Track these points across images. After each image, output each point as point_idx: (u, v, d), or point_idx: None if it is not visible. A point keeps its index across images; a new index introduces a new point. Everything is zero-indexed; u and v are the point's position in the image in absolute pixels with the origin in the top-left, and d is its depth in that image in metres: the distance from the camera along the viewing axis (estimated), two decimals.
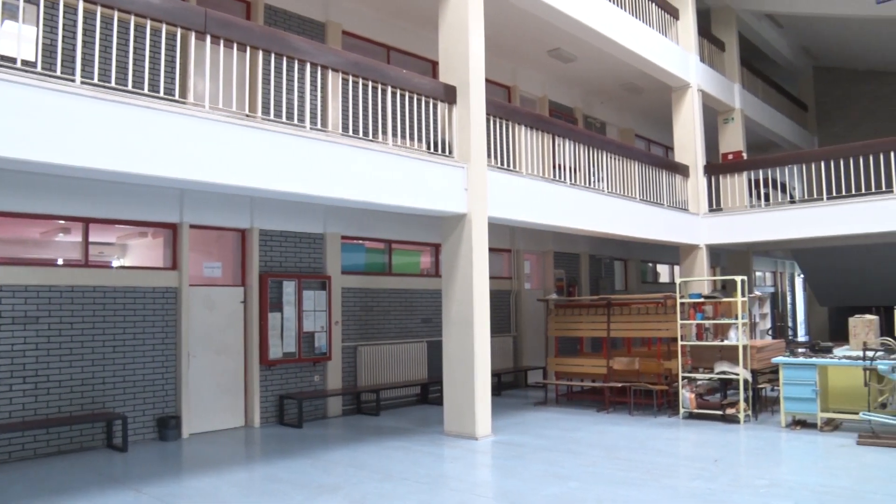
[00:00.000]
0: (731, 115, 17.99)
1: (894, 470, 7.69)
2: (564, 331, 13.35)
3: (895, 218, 13.82)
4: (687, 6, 16.23)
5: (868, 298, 18.63)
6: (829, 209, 14.55)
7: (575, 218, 11.92)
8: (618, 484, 7.21)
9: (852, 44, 21.95)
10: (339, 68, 8.55)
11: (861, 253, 17.73)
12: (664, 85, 15.97)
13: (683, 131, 16.11)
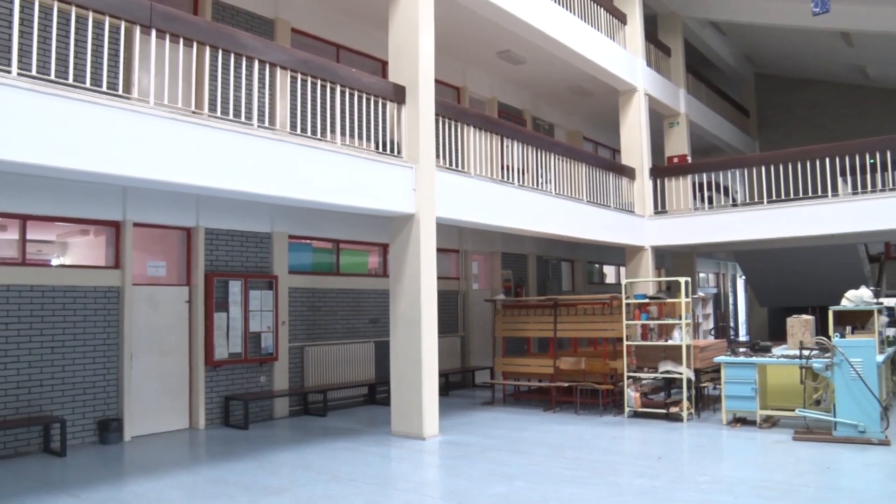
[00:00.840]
0: (677, 120, 18.34)
1: (827, 464, 7.95)
2: (512, 331, 13.44)
3: (830, 221, 14.29)
4: (634, 12, 16.50)
5: (805, 299, 19.15)
6: (768, 212, 14.95)
7: (523, 219, 12.01)
8: (564, 482, 7.28)
9: (791, 53, 22.58)
10: (287, 66, 8.47)
11: (799, 255, 18.22)
12: (612, 88, 16.20)
13: (630, 134, 16.37)
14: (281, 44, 10.09)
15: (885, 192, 14.05)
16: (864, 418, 8.92)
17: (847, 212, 14.16)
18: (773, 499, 6.57)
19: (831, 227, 14.33)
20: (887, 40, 18.32)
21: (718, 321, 22.94)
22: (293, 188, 8.22)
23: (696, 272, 20.37)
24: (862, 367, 8.96)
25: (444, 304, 14.18)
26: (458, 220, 10.76)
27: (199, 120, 7.33)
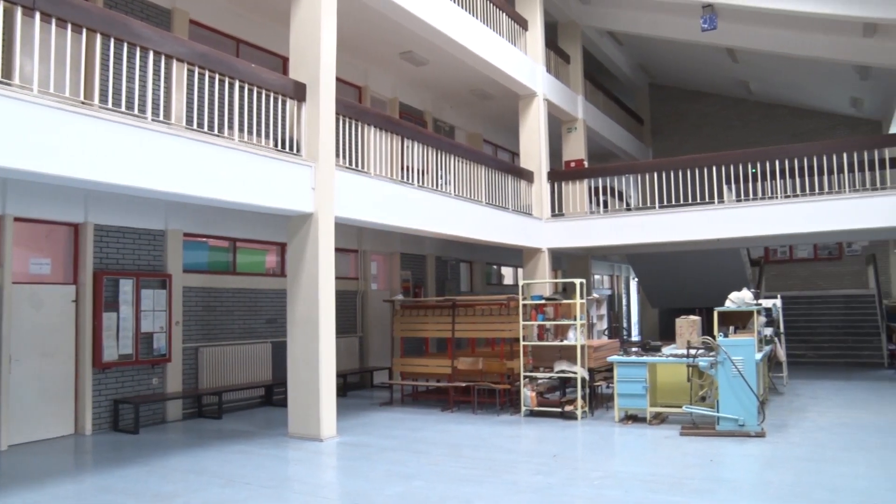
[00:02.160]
0: (574, 125, 18.81)
1: (710, 456, 8.33)
2: (410, 331, 13.47)
3: (716, 227, 15.00)
4: (536, 19, 16.83)
5: (693, 300, 19.96)
6: (660, 217, 15.55)
7: (422, 220, 12.06)
8: (461, 481, 7.36)
9: (683, 65, 23.55)
10: (184, 59, 8.22)
11: (687, 258, 19.01)
12: (512, 92, 16.47)
13: (529, 138, 16.69)
14: (178, 35, 9.76)
15: (765, 200, 14.86)
16: (744, 413, 9.40)
17: (731, 218, 14.91)
18: (661, 491, 6.85)
19: (717, 232, 15.05)
20: (767, 59, 19.36)
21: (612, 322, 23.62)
22: (188, 185, 7.98)
23: (591, 274, 20.94)
24: (743, 365, 9.43)
25: (342, 305, 14.07)
26: (357, 219, 10.70)
27: (88, 111, 7.01)
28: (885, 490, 6.77)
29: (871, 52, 16.64)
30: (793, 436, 9.42)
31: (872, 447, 8.71)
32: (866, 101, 22.06)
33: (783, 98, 24.35)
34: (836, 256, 24.56)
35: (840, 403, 12.11)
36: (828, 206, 14.25)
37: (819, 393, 13.35)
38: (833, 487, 6.87)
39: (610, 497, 6.72)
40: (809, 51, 17.20)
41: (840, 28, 16.05)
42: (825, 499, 6.50)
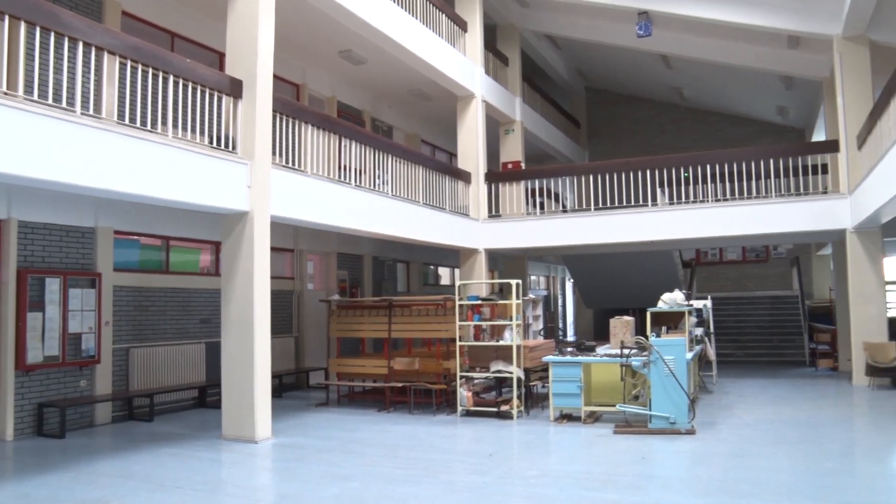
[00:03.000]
0: (512, 127, 18.97)
1: (642, 454, 8.49)
2: (346, 331, 13.39)
3: (649, 229, 15.35)
4: (475, 20, 16.92)
5: (627, 301, 20.35)
6: (595, 219, 15.82)
7: (359, 220, 12.00)
8: (398, 482, 7.34)
9: (618, 70, 23.99)
10: (116, 51, 7.99)
11: (621, 260, 19.36)
12: (451, 93, 16.53)
13: (467, 139, 16.76)
14: (109, 27, 9.50)
15: (697, 203, 15.26)
16: (675, 411, 9.61)
17: (664, 221, 15.28)
18: (595, 489, 6.95)
19: (650, 234, 15.40)
20: (699, 66, 19.88)
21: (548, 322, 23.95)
22: (119, 181, 7.77)
23: (528, 275, 21.15)
24: (674, 364, 9.64)
25: (277, 305, 13.90)
26: (293, 219, 10.59)
27: (11, 102, 6.75)
28: (804, 483, 7.06)
29: (795, 63, 17.30)
30: (721, 432, 9.69)
31: (794, 441, 9.02)
32: (791, 109, 22.85)
33: (714, 105, 25.03)
34: (763, 259, 25.36)
35: (765, 400, 12.50)
36: (755, 210, 14.74)
37: (746, 391, 13.74)
38: (757, 481, 7.11)
39: (544, 495, 6.79)
40: (738, 59, 17.75)
41: (767, 39, 16.60)
42: (749, 492, 6.71)
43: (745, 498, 6.52)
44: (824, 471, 7.52)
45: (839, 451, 8.60)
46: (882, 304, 14.49)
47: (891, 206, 11.36)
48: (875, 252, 14.29)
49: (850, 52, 14.41)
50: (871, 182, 12.12)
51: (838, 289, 17.34)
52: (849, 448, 8.90)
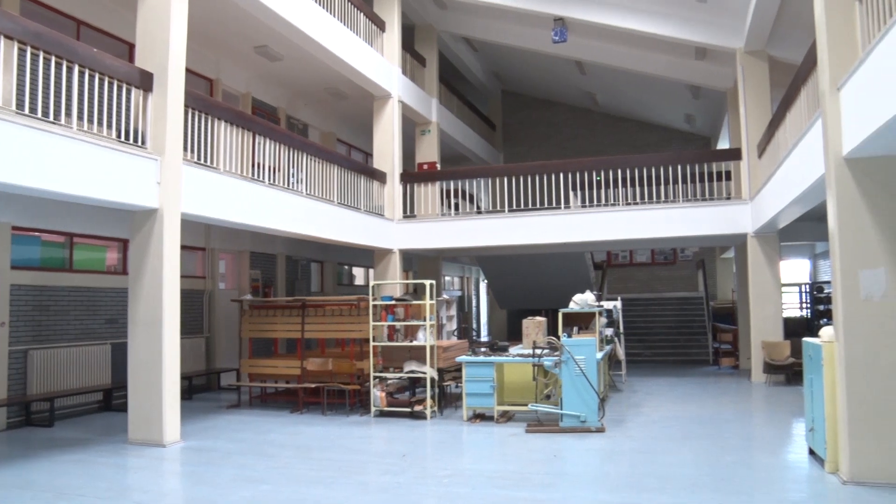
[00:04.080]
0: (428, 128, 19.02)
1: (554, 452, 8.67)
2: (259, 332, 13.18)
3: (562, 231, 15.66)
4: (393, 20, 16.89)
5: (539, 302, 20.67)
6: (509, 221, 16.04)
7: (273, 218, 11.83)
8: (310, 483, 7.27)
9: (534, 74, 24.37)
10: (14, 36, 7.59)
11: (535, 261, 19.67)
12: (367, 93, 16.45)
13: (383, 139, 16.72)
14: (8, 10, 9.03)
15: (608, 206, 15.66)
16: (586, 409, 9.83)
17: (577, 223, 15.62)
18: (507, 487, 7.05)
19: (563, 236, 15.72)
20: (612, 73, 20.40)
21: (461, 323, 24.08)
22: (18, 174, 7.39)
23: (442, 275, 21.24)
24: (585, 364, 9.86)
25: (188, 304, 13.56)
26: (205, 216, 10.34)
27: None
28: (706, 476, 7.36)
29: (702, 73, 17.98)
30: (629, 430, 9.95)
31: (698, 437, 9.37)
32: (698, 118, 23.69)
33: (626, 111, 25.71)
34: (670, 261, 26.18)
35: (672, 398, 12.91)
36: (664, 213, 15.24)
37: (654, 389, 14.16)
38: (663, 476, 7.35)
39: (457, 494, 6.84)
40: (649, 68, 18.30)
41: (676, 50, 17.18)
42: (656, 487, 6.94)
43: (652, 493, 6.74)
44: (725, 464, 7.87)
45: (738, 445, 8.98)
46: (778, 305, 15.22)
47: (787, 212, 11.93)
48: (772, 255, 14.97)
49: (752, 66, 15.07)
50: (770, 189, 12.69)
51: (740, 290, 18.08)
52: (747, 442, 9.30)
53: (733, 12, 14.61)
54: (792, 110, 10.72)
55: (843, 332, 7.04)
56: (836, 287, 7.23)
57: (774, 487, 7.01)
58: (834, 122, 7.25)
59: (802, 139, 9.63)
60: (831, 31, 7.27)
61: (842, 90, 7.16)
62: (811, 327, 18.91)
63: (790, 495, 6.72)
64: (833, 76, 7.26)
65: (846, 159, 7.14)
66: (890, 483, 6.69)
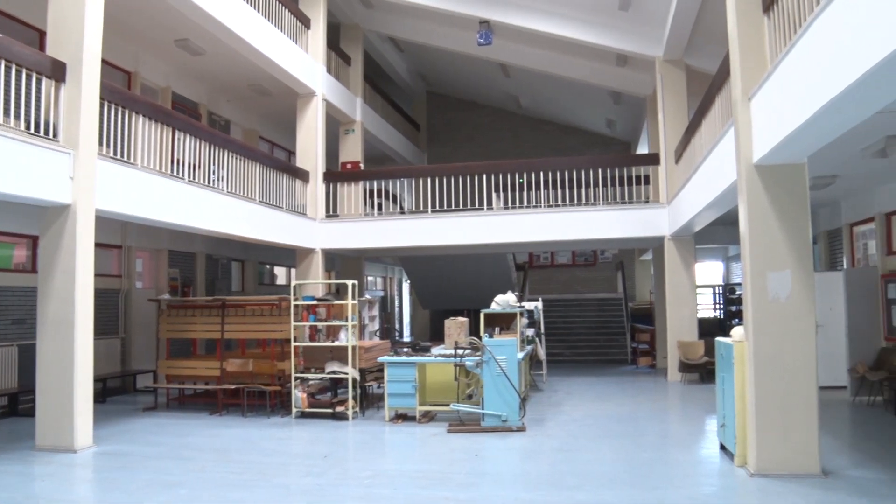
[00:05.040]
0: (352, 127, 18.91)
1: (475, 451, 8.76)
2: (177, 332, 12.88)
3: (485, 232, 15.81)
4: (318, 17, 16.72)
5: (462, 302, 20.77)
6: (432, 221, 16.09)
7: (193, 216, 11.56)
8: (229, 487, 7.14)
9: (459, 76, 24.50)
10: None
11: (457, 262, 19.77)
12: (291, 90, 16.24)
13: (306, 138, 16.54)
14: None
15: (531, 208, 15.87)
16: (507, 409, 9.94)
17: (499, 224, 15.78)
18: (429, 487, 7.07)
19: (486, 237, 15.86)
20: (536, 77, 20.67)
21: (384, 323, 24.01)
22: None
23: (365, 275, 21.15)
24: (506, 364, 9.97)
25: (102, 304, 13.10)
26: (121, 213, 10.03)
27: None
28: (624, 473, 7.58)
29: (623, 80, 18.41)
30: (549, 429, 10.11)
31: (616, 435, 9.60)
32: (619, 123, 24.24)
33: (549, 114, 26.11)
34: (591, 263, 26.70)
35: (591, 397, 13.17)
36: (585, 216, 15.55)
37: (574, 389, 14.41)
38: (582, 473, 7.51)
39: (379, 495, 6.83)
40: (572, 73, 18.63)
41: (598, 56, 17.54)
42: (575, 484, 7.08)
43: (571, 490, 6.87)
44: (641, 461, 8.09)
45: (655, 442, 9.24)
46: (693, 306, 15.71)
47: (702, 216, 12.33)
48: (688, 258, 15.45)
49: (670, 74, 15.53)
50: (686, 194, 13.08)
51: (657, 292, 18.58)
52: (663, 439, 9.58)
53: (653, 22, 15.02)
54: (707, 118, 11.09)
55: (752, 332, 7.34)
56: (746, 288, 7.53)
57: (687, 482, 7.25)
58: (745, 130, 7.54)
59: (716, 146, 9.96)
60: (743, 44, 7.57)
61: (752, 100, 7.45)
62: (724, 327, 19.60)
63: (702, 489, 6.96)
64: (745, 87, 7.55)
65: (756, 166, 7.44)
66: (793, 474, 7.05)
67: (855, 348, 12.19)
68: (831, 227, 14.62)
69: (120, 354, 14.64)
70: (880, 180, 11.45)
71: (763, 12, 7.40)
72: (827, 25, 5.36)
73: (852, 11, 4.89)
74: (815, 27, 5.58)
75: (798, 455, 7.13)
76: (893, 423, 10.09)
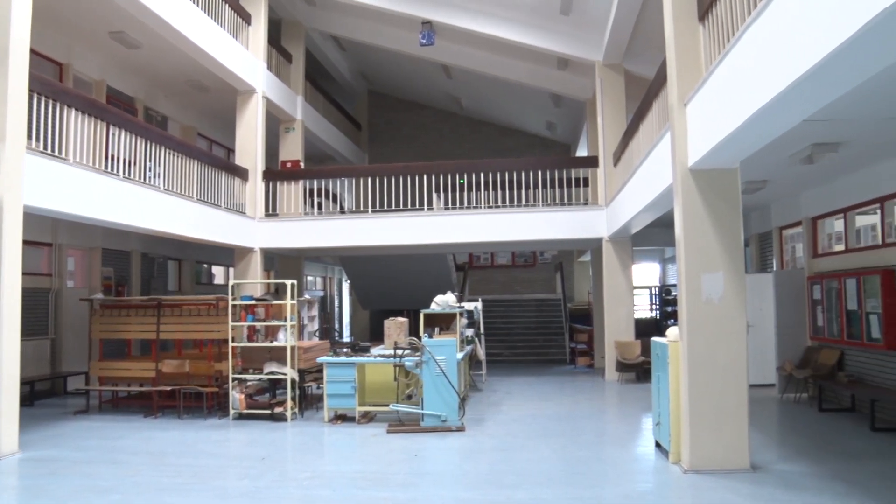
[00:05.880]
0: (293, 126, 18.72)
1: (415, 451, 8.78)
2: (111, 333, 12.56)
3: (426, 232, 15.83)
4: (260, 14, 16.49)
5: (402, 302, 20.74)
6: (373, 221, 16.05)
7: (128, 214, 11.28)
8: (164, 491, 6.99)
9: (401, 76, 24.46)
10: None
11: (397, 262, 19.74)
12: (231, 87, 15.99)
13: (246, 135, 16.30)
14: None
15: (471, 209, 15.95)
16: (446, 409, 9.97)
17: (439, 225, 15.83)
18: (368, 488, 7.06)
19: (426, 237, 15.89)
20: (477, 78, 20.76)
21: (323, 323, 23.83)
22: None
23: (304, 275, 20.96)
24: (445, 364, 10.00)
25: (30, 304, 12.69)
26: (51, 210, 9.71)
27: None
28: (561, 471, 7.69)
29: (563, 83, 18.64)
30: (489, 428, 10.18)
31: (554, 434, 9.72)
32: (559, 125, 24.53)
33: (490, 116, 26.26)
34: (530, 264, 26.95)
35: (530, 397, 13.30)
36: (524, 217, 15.70)
37: (513, 388, 14.53)
38: (521, 472, 7.59)
39: (318, 496, 6.79)
40: (513, 75, 18.78)
41: (539, 59, 17.71)
42: (514, 483, 7.16)
43: (510, 489, 6.93)
44: (579, 459, 8.22)
45: (592, 440, 9.39)
46: (630, 307, 16.01)
47: (639, 218, 12.56)
48: (626, 259, 15.72)
49: (610, 78, 15.80)
50: (624, 196, 13.31)
51: (595, 292, 18.85)
52: (600, 437, 9.73)
53: (594, 26, 15.24)
54: (645, 122, 11.31)
55: (686, 332, 7.52)
56: (681, 290, 7.71)
57: (623, 479, 7.40)
58: (681, 135, 7.71)
59: (653, 150, 10.17)
60: (679, 51, 7.75)
61: (688, 106, 7.63)
62: (660, 327, 19.98)
63: (637, 486, 7.11)
64: (681, 92, 7.73)
65: (691, 170, 7.62)
66: (724, 469, 7.28)
67: (783, 347, 12.59)
68: (762, 231, 15.05)
69: (49, 356, 14.21)
70: (807, 186, 11.85)
71: (699, 21, 7.59)
72: (757, 36, 5.54)
73: (781, 24, 5.06)
74: (747, 37, 5.76)
75: (729, 451, 7.35)
76: (818, 418, 10.46)
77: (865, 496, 6.47)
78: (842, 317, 11.09)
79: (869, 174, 10.17)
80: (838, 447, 8.62)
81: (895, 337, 9.75)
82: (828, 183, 11.37)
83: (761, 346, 12.94)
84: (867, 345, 10.39)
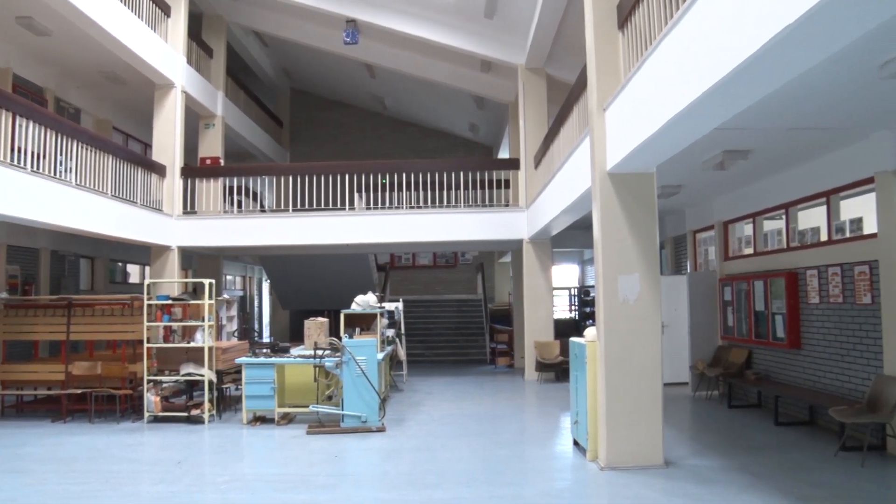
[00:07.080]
0: (213, 122, 18.33)
1: (335, 452, 8.76)
2: (16, 334, 12.04)
3: (347, 232, 15.77)
4: (180, 6, 16.06)
5: (323, 302, 20.60)
6: (293, 220, 15.88)
7: (35, 209, 10.81)
8: (73, 499, 6.77)
9: (325, 74, 24.24)
10: None
11: (318, 262, 19.58)
12: (148, 80, 15.52)
13: (164, 131, 15.87)
14: None
15: (393, 209, 15.97)
16: (367, 409, 9.96)
17: (360, 225, 15.79)
18: (287, 490, 6.99)
19: (347, 237, 15.83)
20: (400, 79, 20.77)
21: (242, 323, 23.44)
22: None
23: (223, 275, 20.58)
24: (366, 365, 9.98)
25: None
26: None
27: None
28: (482, 470, 7.80)
29: (486, 85, 18.84)
30: (409, 428, 10.20)
31: (474, 433, 9.83)
32: (482, 127, 24.75)
33: (413, 116, 26.29)
34: (451, 264, 27.09)
35: (450, 397, 13.38)
36: (446, 218, 15.80)
37: (434, 388, 14.59)
38: (442, 472, 7.66)
39: (236, 500, 6.69)
40: (437, 76, 18.86)
41: (463, 61, 17.85)
42: (435, 483, 7.21)
43: (431, 488, 6.97)
44: (498, 458, 8.33)
45: (511, 439, 9.53)
46: (549, 307, 16.30)
47: (559, 220, 12.80)
48: (546, 261, 15.99)
49: (532, 82, 16.04)
50: (544, 198, 13.54)
51: (515, 293, 19.09)
52: (519, 436, 9.89)
53: (517, 30, 15.44)
54: (565, 126, 11.53)
55: (603, 332, 7.71)
56: (598, 290, 7.90)
57: (542, 477, 7.55)
58: (600, 139, 7.90)
59: (573, 154, 10.38)
60: (599, 57, 7.94)
61: (607, 111, 7.82)
62: (579, 328, 20.40)
63: (555, 484, 7.27)
64: (600, 98, 7.92)
65: (609, 174, 7.82)
66: (639, 466, 7.52)
67: (696, 347, 13.04)
68: (677, 234, 15.53)
69: None
70: (719, 191, 12.30)
71: (619, 28, 7.79)
72: (672, 46, 5.73)
73: (695, 35, 5.25)
74: (663, 47, 5.95)
75: (644, 448, 7.57)
76: (728, 415, 10.88)
77: (769, 486, 6.77)
78: (750, 317, 11.55)
79: (776, 181, 10.63)
80: (745, 442, 9.00)
81: (797, 336, 10.22)
82: (738, 189, 11.83)
83: (675, 346, 13.36)
84: (773, 344, 10.85)
